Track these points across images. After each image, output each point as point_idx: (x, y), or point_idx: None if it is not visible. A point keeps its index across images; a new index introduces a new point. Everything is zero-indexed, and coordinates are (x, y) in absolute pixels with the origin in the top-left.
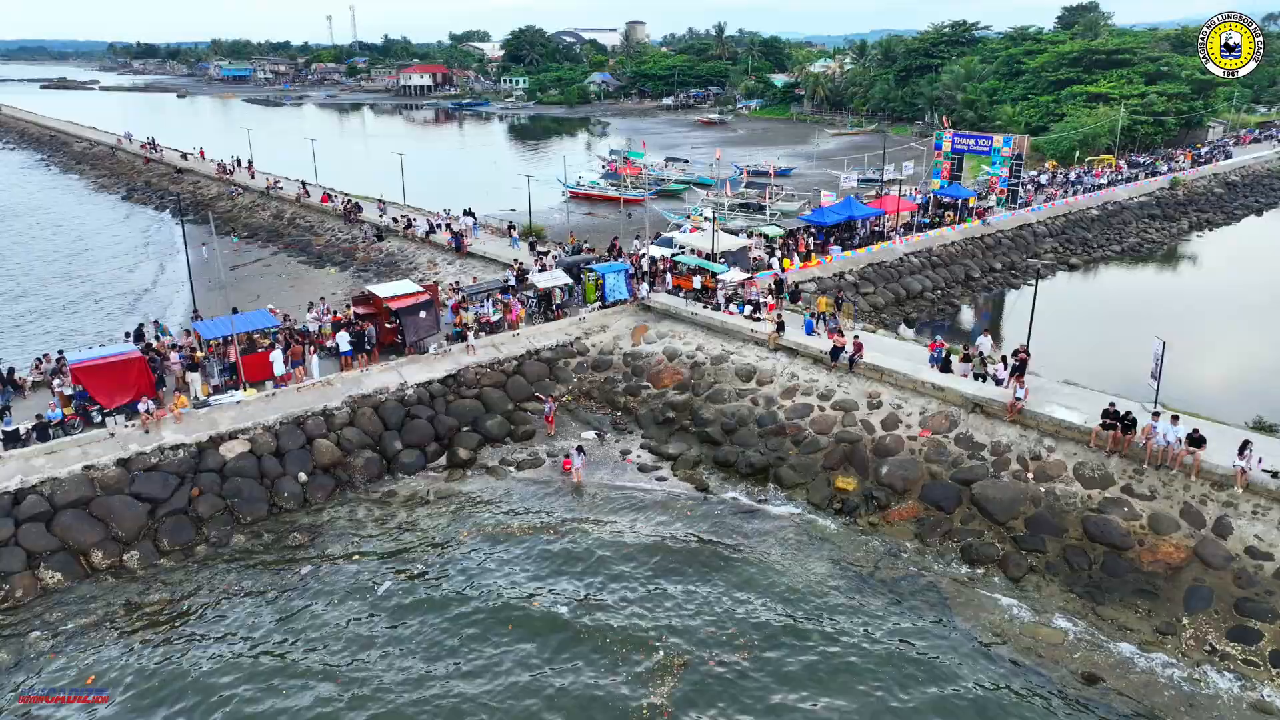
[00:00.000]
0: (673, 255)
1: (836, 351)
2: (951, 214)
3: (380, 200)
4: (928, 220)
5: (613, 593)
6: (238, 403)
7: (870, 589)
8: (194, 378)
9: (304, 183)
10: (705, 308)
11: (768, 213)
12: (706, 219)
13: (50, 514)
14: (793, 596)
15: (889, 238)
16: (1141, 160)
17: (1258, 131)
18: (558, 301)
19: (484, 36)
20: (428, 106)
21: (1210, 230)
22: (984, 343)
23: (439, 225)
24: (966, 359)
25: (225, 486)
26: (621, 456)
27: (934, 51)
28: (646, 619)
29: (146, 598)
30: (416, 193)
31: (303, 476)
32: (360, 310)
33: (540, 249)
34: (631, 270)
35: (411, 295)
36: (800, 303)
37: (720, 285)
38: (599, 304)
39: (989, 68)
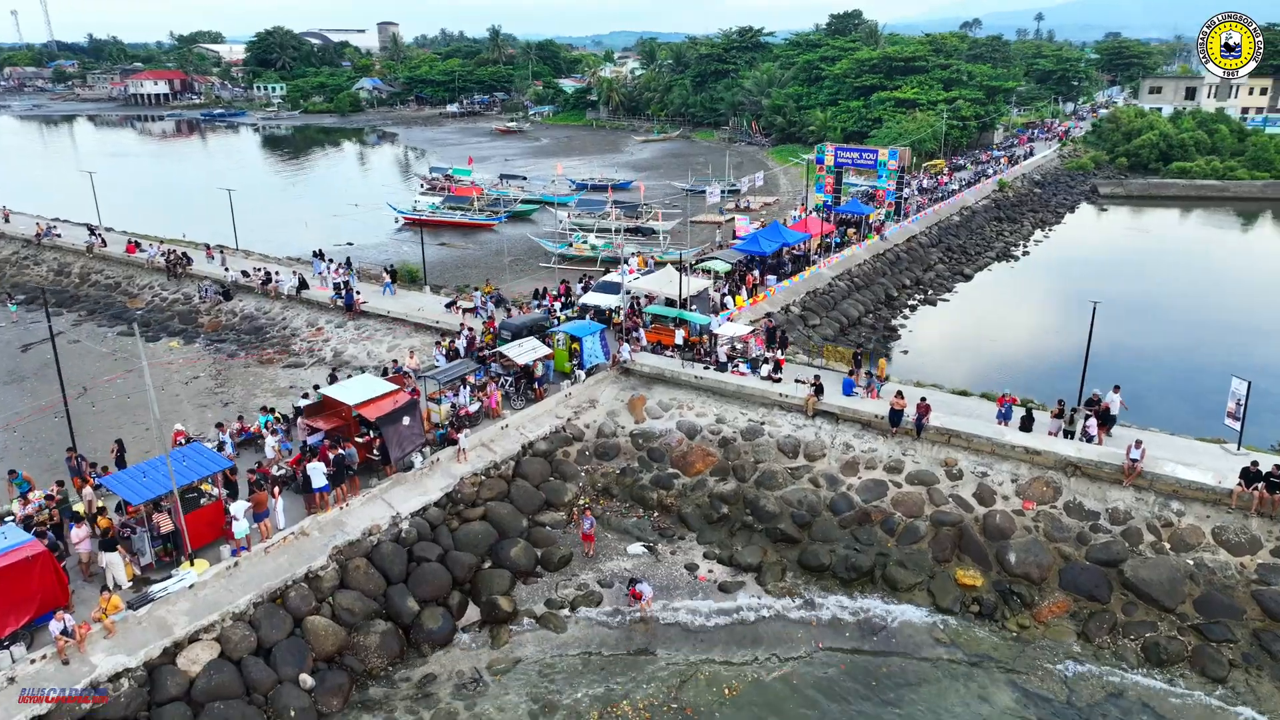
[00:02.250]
0: (633, 304)
1: (896, 415)
2: (854, 231)
3: (211, 247)
4: (839, 239)
5: None
6: (190, 587)
7: None
8: (113, 560)
9: (93, 228)
10: (707, 368)
11: (661, 236)
12: (594, 247)
13: None
14: None
15: (813, 262)
16: (962, 164)
17: (1029, 132)
18: (538, 376)
19: (216, 38)
20: (169, 117)
21: (1049, 229)
22: (1114, 400)
23: (341, 283)
24: (1059, 415)
25: None
26: (690, 573)
27: (726, 57)
28: None
29: None
30: (209, 229)
31: (307, 680)
32: (315, 424)
33: (464, 304)
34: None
35: (387, 397)
36: (789, 349)
37: (722, 341)
38: (581, 372)
39: (788, 73)
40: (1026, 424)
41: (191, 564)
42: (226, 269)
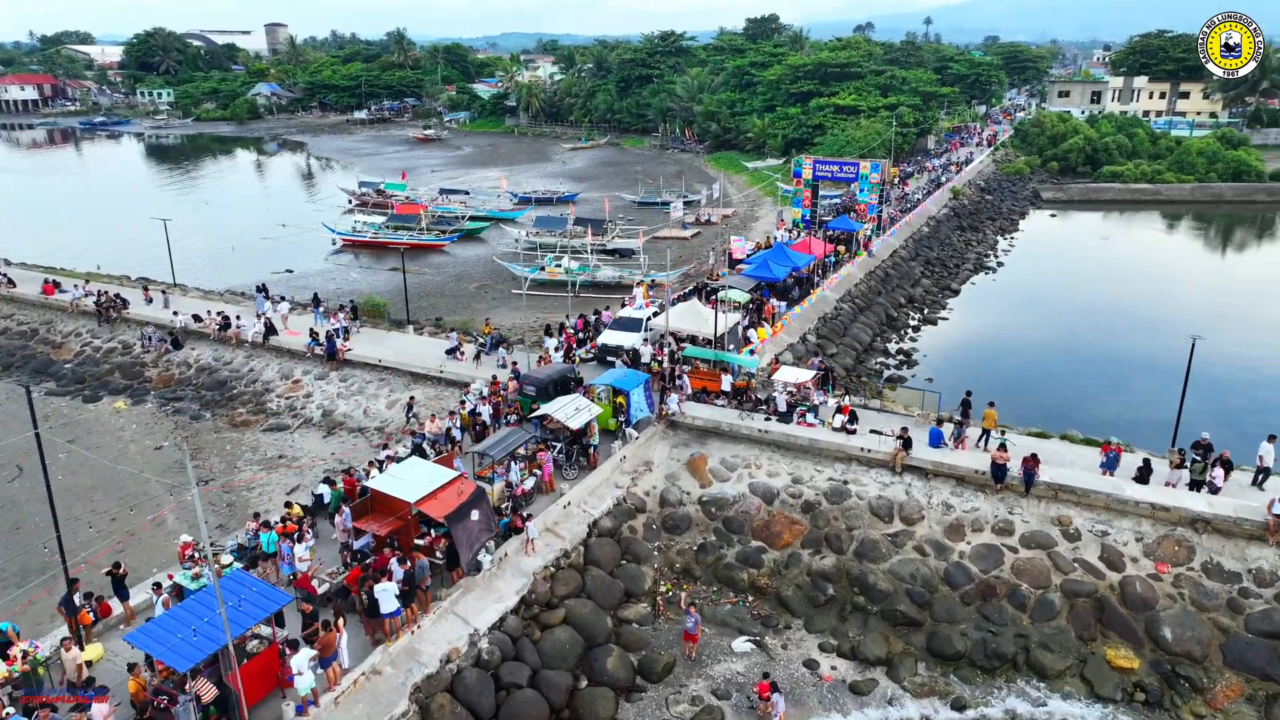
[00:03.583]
0: (669, 346)
1: (1000, 471)
2: (844, 248)
3: (150, 287)
4: (833, 258)
5: None
6: None
7: None
8: None
9: None
10: (768, 419)
11: (641, 257)
12: (568, 270)
13: None
14: None
15: (816, 285)
16: (910, 171)
17: (957, 137)
18: (593, 441)
19: (85, 38)
20: (40, 126)
21: (1011, 237)
22: (1268, 450)
23: (341, 329)
24: (1180, 465)
25: None
26: (811, 672)
27: (650, 62)
28: None
29: None
30: (122, 259)
31: None
32: (367, 527)
33: (459, 347)
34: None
35: (449, 486)
36: (841, 392)
37: (777, 388)
38: (632, 431)
39: (718, 79)
40: (1144, 475)
41: None
42: (175, 312)
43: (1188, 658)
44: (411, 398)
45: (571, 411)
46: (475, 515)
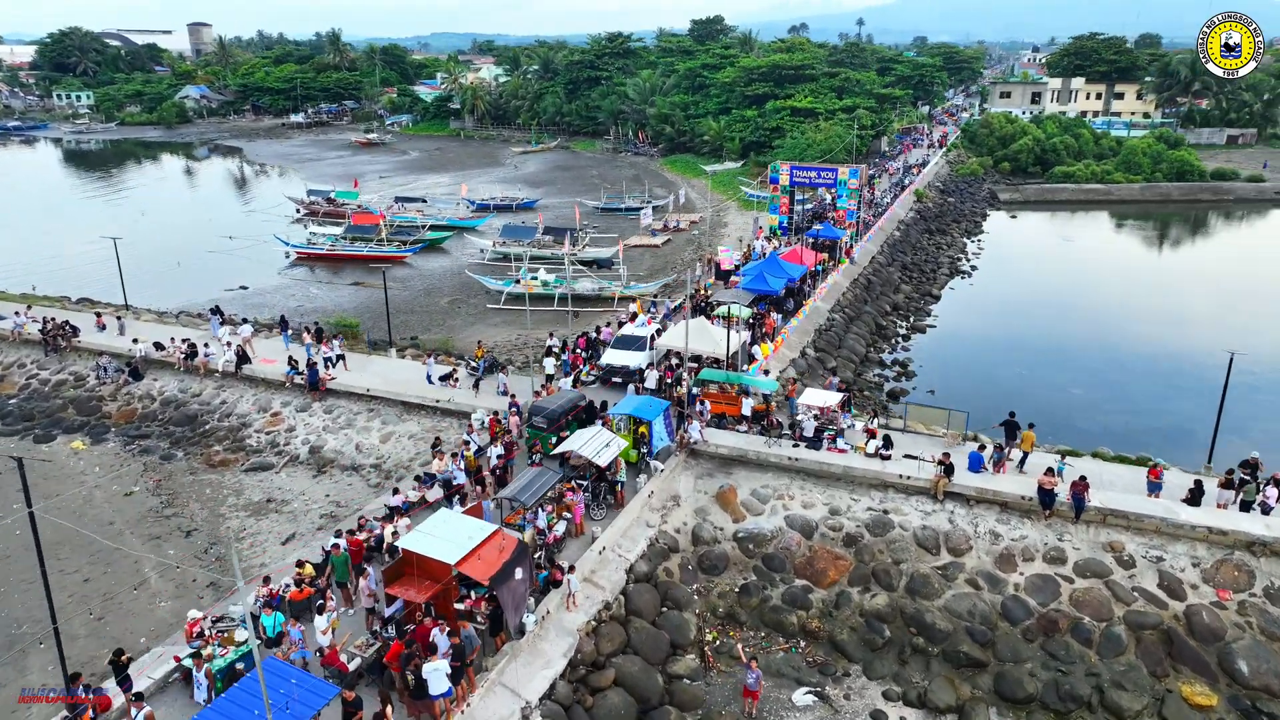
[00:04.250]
0: (667, 364)
1: (1049, 496)
2: (826, 255)
3: (101, 311)
4: (820, 267)
5: None
6: None
7: None
8: None
9: None
10: (796, 445)
11: (621, 268)
12: (545, 283)
13: None
14: None
15: (808, 295)
16: (872, 174)
17: (909, 138)
18: (620, 478)
19: None
20: None
21: (978, 240)
22: None
23: (334, 357)
24: (1228, 484)
25: None
26: None
27: (599, 64)
28: None
29: None
30: (52, 276)
31: None
32: (403, 594)
33: (454, 373)
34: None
35: (489, 542)
36: (870, 414)
37: (800, 411)
38: (657, 463)
39: (669, 81)
40: (1195, 497)
41: None
42: (135, 340)
43: (1266, 692)
44: (438, 436)
45: (599, 446)
46: (519, 574)
